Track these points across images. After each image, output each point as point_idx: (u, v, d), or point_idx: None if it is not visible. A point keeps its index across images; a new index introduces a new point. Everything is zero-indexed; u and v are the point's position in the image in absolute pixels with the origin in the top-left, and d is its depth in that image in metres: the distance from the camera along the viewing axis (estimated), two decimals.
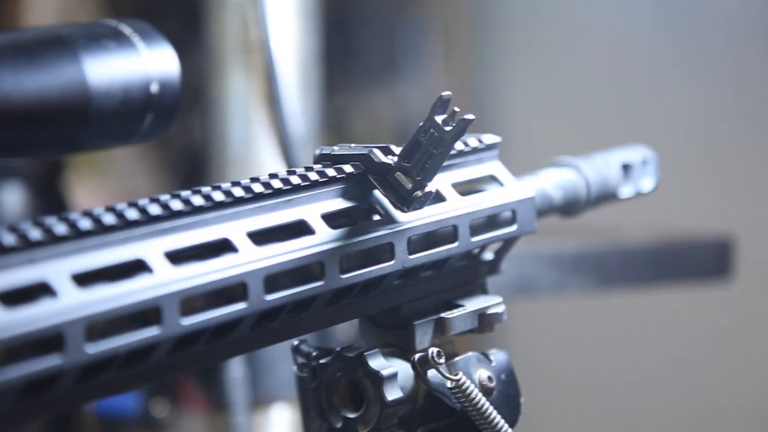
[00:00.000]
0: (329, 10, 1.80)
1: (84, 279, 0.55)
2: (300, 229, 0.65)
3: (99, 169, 2.12)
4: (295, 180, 0.65)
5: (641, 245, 1.55)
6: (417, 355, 0.71)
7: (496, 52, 2.61)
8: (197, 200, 0.60)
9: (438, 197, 0.72)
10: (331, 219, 0.66)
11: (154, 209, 0.59)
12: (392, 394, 0.69)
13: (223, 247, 0.61)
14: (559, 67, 2.54)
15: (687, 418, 2.44)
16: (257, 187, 0.63)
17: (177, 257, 0.59)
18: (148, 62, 0.61)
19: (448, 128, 0.65)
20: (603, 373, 2.50)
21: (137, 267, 0.57)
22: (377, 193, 0.69)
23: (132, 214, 0.58)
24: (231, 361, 1.26)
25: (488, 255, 0.78)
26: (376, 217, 0.69)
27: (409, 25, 2.52)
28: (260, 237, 0.63)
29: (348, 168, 0.68)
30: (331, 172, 0.67)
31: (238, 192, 0.62)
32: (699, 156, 2.39)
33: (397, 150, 0.68)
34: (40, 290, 0.54)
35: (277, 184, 0.64)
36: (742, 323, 2.37)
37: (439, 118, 0.65)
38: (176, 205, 0.60)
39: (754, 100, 2.36)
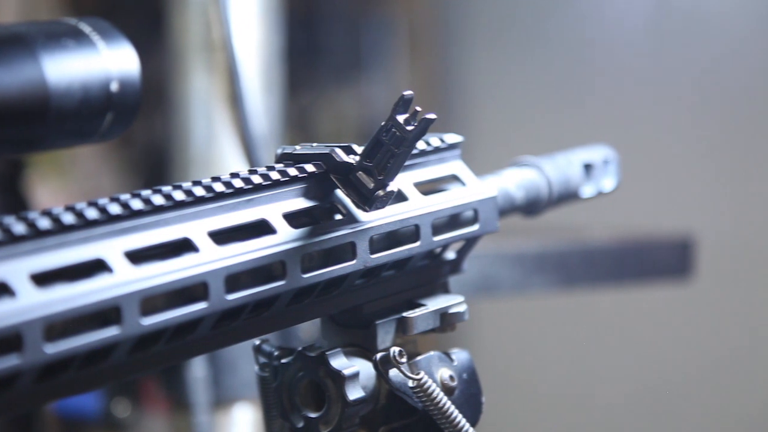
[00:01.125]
0: (294, 9, 1.79)
1: (43, 279, 0.55)
2: (261, 228, 0.65)
3: (61, 168, 2.10)
4: (256, 179, 0.65)
5: (603, 244, 1.56)
6: (379, 355, 0.71)
7: (461, 51, 2.61)
8: (158, 200, 0.60)
9: (400, 197, 0.72)
10: (292, 218, 0.66)
11: (114, 209, 0.58)
12: (354, 393, 0.69)
13: (183, 246, 0.61)
14: (523, 67, 2.55)
15: (649, 414, 2.46)
16: (218, 187, 0.63)
17: (137, 257, 0.59)
18: (108, 61, 0.61)
19: (409, 127, 0.65)
20: (565, 371, 2.51)
21: (97, 267, 0.57)
22: (339, 193, 0.68)
23: (92, 213, 0.57)
24: (193, 361, 1.25)
25: (450, 254, 0.78)
26: (338, 217, 0.68)
27: (374, 24, 2.53)
28: (221, 236, 0.63)
29: (310, 167, 0.67)
30: (292, 171, 0.67)
31: (199, 191, 0.62)
32: (660, 156, 2.41)
33: (359, 149, 0.68)
34: None
35: (238, 183, 0.64)
36: (703, 321, 2.39)
37: (400, 118, 0.65)
38: (136, 204, 0.59)
39: (716, 101, 2.38)
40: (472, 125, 2.52)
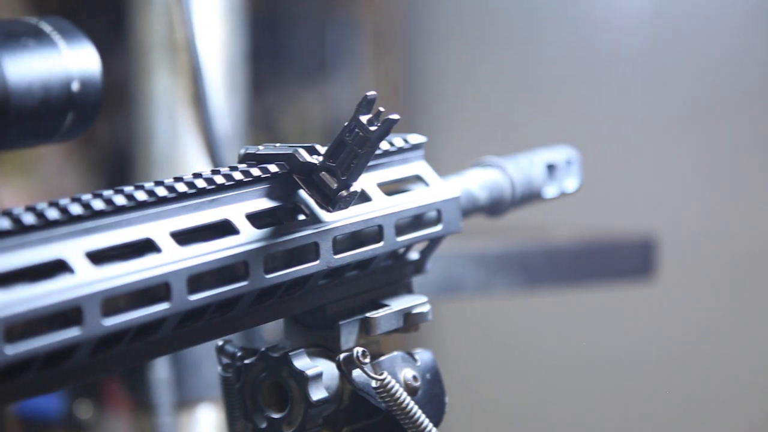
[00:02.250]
0: (258, 9, 1.79)
1: (3, 279, 0.55)
2: (224, 228, 0.65)
3: (24, 167, 2.09)
4: (219, 180, 0.65)
5: (566, 245, 1.57)
6: (342, 355, 0.71)
7: (425, 51, 2.61)
8: (120, 200, 0.60)
9: (363, 197, 0.72)
10: (255, 219, 0.66)
11: (76, 209, 0.58)
12: (317, 394, 0.69)
13: (146, 247, 0.61)
14: (488, 68, 2.55)
15: (611, 412, 2.47)
16: (181, 187, 0.63)
17: (99, 257, 0.58)
18: (69, 60, 0.60)
19: (373, 128, 0.65)
20: (529, 371, 2.52)
21: (58, 267, 0.57)
22: (302, 193, 0.68)
23: (53, 213, 0.57)
24: (156, 362, 1.25)
25: (414, 255, 0.78)
26: (301, 217, 0.68)
27: (339, 25, 2.52)
28: (184, 237, 0.62)
29: (273, 168, 0.67)
30: (255, 171, 0.67)
31: (161, 192, 0.62)
32: (622, 156, 2.42)
33: (323, 150, 0.67)
34: None
35: (201, 183, 0.64)
36: (665, 320, 2.41)
37: (364, 118, 0.65)
38: (98, 204, 0.59)
39: (678, 103, 2.40)
40: (436, 126, 2.53)
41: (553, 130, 2.39)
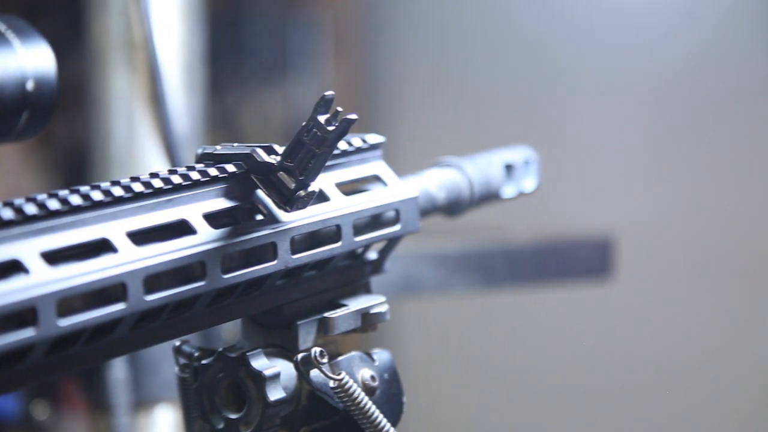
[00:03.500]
0: (218, 8, 1.78)
1: None
2: (181, 228, 0.64)
3: None
4: (176, 179, 0.65)
5: (524, 245, 1.57)
6: (300, 355, 0.71)
7: (386, 51, 2.62)
8: (75, 200, 0.59)
9: (321, 197, 0.72)
10: (213, 219, 0.66)
11: (31, 209, 0.58)
12: (275, 394, 0.69)
13: (102, 247, 0.60)
14: (447, 68, 2.56)
15: (569, 411, 2.48)
16: (137, 187, 0.63)
17: (54, 257, 0.58)
18: (24, 60, 0.60)
19: (330, 128, 0.65)
20: (487, 371, 2.52)
21: (12, 267, 0.56)
22: (260, 193, 0.68)
23: (7, 213, 0.57)
24: (113, 362, 1.24)
25: (372, 254, 0.78)
26: (259, 217, 0.68)
27: (299, 24, 2.52)
28: (140, 237, 0.62)
29: (230, 167, 0.67)
30: (213, 171, 0.66)
31: (117, 191, 0.62)
32: (580, 157, 2.43)
33: (281, 149, 0.67)
34: None
35: (157, 183, 0.64)
36: (622, 319, 2.42)
37: (322, 118, 0.65)
38: (53, 204, 0.59)
39: (634, 103, 2.41)
40: (396, 126, 2.53)
41: (512, 131, 2.40)
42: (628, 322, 2.42)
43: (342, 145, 0.74)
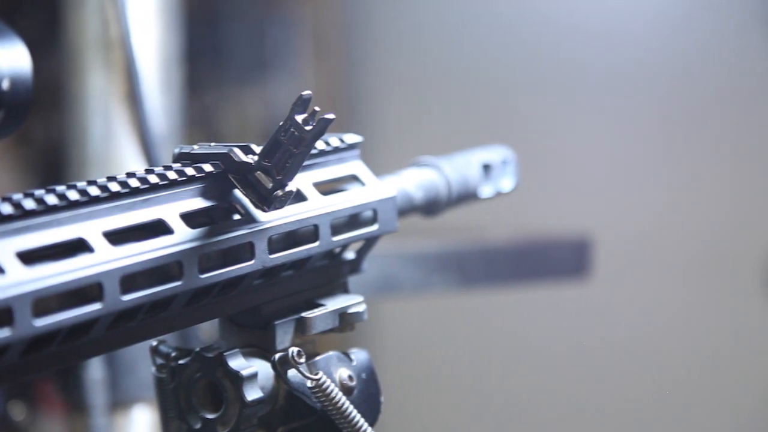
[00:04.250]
0: (196, 7, 1.78)
1: None
2: (158, 228, 0.64)
3: None
4: (153, 179, 0.64)
5: (502, 245, 1.57)
6: (277, 355, 0.71)
7: (365, 51, 2.62)
8: (51, 199, 0.59)
9: (299, 196, 0.71)
10: (190, 218, 0.66)
11: (6, 208, 0.57)
12: (252, 394, 0.69)
13: (78, 246, 0.60)
14: (425, 68, 2.56)
15: (547, 410, 2.49)
16: (114, 186, 0.62)
17: (30, 257, 0.58)
18: None
19: (308, 127, 0.65)
20: (465, 371, 2.53)
21: None
22: (237, 193, 0.68)
23: None
24: (90, 362, 1.23)
25: (350, 254, 0.78)
26: (237, 217, 0.68)
27: (278, 24, 2.52)
28: (117, 236, 0.62)
29: (207, 167, 0.67)
30: (190, 171, 0.66)
31: (94, 191, 0.61)
32: (557, 156, 2.44)
33: (258, 149, 0.67)
34: None
35: (134, 183, 0.63)
36: (600, 319, 2.43)
37: (299, 118, 0.65)
38: (29, 204, 0.58)
39: (612, 102, 2.42)
40: (374, 126, 2.53)
41: (490, 131, 2.40)
42: (607, 321, 2.43)
43: (320, 144, 0.74)
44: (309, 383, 0.71)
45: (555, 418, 2.48)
